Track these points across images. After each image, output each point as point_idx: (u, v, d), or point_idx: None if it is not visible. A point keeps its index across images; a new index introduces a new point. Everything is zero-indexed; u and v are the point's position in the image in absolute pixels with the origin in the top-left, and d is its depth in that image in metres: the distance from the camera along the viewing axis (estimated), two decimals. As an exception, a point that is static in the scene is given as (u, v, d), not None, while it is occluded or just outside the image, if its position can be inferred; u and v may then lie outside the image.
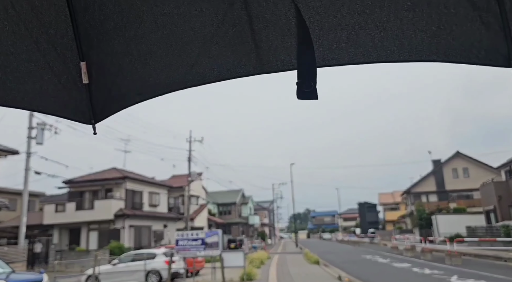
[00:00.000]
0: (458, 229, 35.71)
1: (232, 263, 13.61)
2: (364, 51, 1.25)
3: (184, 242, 14.14)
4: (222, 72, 1.32)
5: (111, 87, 1.39)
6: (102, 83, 1.36)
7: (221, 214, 59.39)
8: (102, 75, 1.35)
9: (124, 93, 1.42)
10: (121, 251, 24.16)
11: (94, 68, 1.32)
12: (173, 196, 43.23)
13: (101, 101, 1.41)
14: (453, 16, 1.15)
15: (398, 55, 1.25)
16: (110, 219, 27.20)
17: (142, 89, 1.40)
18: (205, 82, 1.34)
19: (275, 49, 1.26)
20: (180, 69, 1.33)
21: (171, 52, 1.29)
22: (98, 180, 29.07)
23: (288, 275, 14.68)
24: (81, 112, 1.43)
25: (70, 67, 1.32)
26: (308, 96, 1.11)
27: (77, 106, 1.41)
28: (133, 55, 1.30)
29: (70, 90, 1.37)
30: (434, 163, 47.11)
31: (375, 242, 48.93)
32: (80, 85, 1.35)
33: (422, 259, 20.47)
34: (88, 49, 1.29)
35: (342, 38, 1.23)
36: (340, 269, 17.10)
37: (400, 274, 14.60)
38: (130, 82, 1.38)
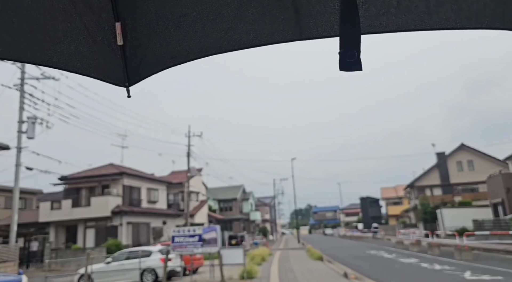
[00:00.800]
0: (463, 222, 34.95)
1: (232, 261, 12.87)
2: (416, 17, 1.15)
3: (181, 238, 13.40)
4: (259, 37, 1.26)
5: (145, 50, 1.36)
6: (136, 45, 1.33)
7: (222, 210, 58.77)
8: (137, 37, 1.32)
9: (157, 56, 1.38)
10: (118, 249, 23.46)
11: (129, 29, 1.30)
12: (173, 192, 42.61)
13: (135, 64, 1.39)
14: None
15: (455, 22, 1.14)
16: (107, 216, 26.51)
17: (175, 52, 1.36)
18: (240, 47, 1.29)
19: (316, 15, 1.18)
20: (214, 33, 1.28)
21: (205, 16, 1.24)
22: (95, 176, 28.34)
23: (291, 272, 13.94)
24: (115, 74, 1.41)
25: (105, 28, 1.29)
26: (351, 67, 1.03)
27: (112, 68, 1.40)
28: (167, 17, 1.26)
29: (105, 51, 1.35)
30: (438, 156, 46.25)
31: (378, 237, 48.20)
32: (115, 47, 1.32)
33: (429, 254, 19.71)
34: (123, 10, 1.25)
35: (392, 2, 1.13)
36: (345, 265, 16.36)
37: (408, 270, 13.84)
38: (164, 45, 1.34)
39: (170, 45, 1.35)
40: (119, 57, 1.37)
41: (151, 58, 1.40)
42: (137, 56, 1.38)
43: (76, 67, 1.43)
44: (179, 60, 1.39)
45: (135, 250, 14.80)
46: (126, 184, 29.05)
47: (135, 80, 1.44)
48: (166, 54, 1.39)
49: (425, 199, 42.86)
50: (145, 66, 1.42)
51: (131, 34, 1.32)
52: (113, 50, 1.35)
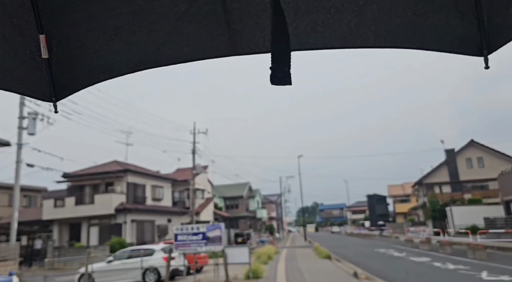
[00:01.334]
0: (474, 220, 34.15)
1: (237, 260, 12.39)
2: (339, 35, 1.22)
3: (184, 237, 12.94)
4: (193, 52, 1.26)
5: (74, 64, 1.31)
6: (63, 58, 1.27)
7: (228, 208, 58.39)
8: (64, 51, 1.26)
9: (87, 71, 1.33)
10: (122, 247, 23.10)
11: (55, 42, 1.23)
12: (178, 189, 42.29)
13: (62, 78, 1.32)
14: (430, 3, 1.14)
15: (374, 41, 1.22)
16: (111, 214, 26.19)
17: (107, 66, 1.32)
18: (174, 62, 1.27)
19: (249, 31, 1.21)
20: (148, 47, 1.26)
21: (139, 29, 1.21)
22: (98, 173, 28.03)
23: (298, 272, 13.42)
24: (41, 89, 1.35)
25: (28, 40, 1.22)
26: (282, 81, 1.07)
27: (37, 82, 1.33)
28: (98, 30, 1.22)
29: (29, 65, 1.28)
30: (447, 153, 45.39)
31: (385, 235, 47.52)
32: (39, 60, 1.26)
33: (441, 252, 19.08)
34: (48, 21, 1.19)
35: (317, 21, 1.19)
36: (354, 264, 15.80)
37: (421, 270, 13.25)
38: (94, 59, 1.30)
39: (101, 59, 1.30)
40: (44, 71, 1.30)
41: (80, 72, 1.34)
42: (65, 70, 1.31)
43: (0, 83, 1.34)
44: (111, 75, 1.34)
45: (137, 248, 14.38)
46: (130, 181, 28.70)
47: (63, 95, 1.38)
48: (97, 68, 1.33)
49: (434, 197, 42.06)
50: (73, 80, 1.36)
51: (57, 47, 1.25)
52: (37, 63, 1.28)
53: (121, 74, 1.34)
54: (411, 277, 11.78)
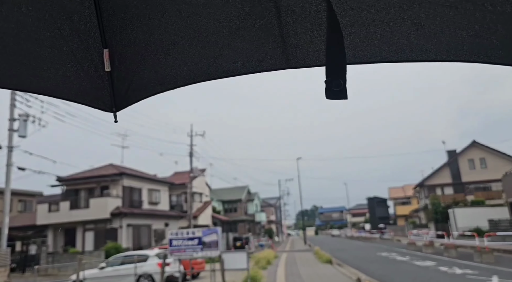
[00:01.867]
0: (477, 222, 33.57)
1: (234, 265, 11.82)
2: (398, 49, 1.20)
3: (179, 241, 12.38)
4: (247, 65, 1.28)
5: (133, 76, 1.37)
6: (124, 71, 1.34)
7: (226, 212, 57.73)
8: (124, 64, 1.33)
9: (146, 83, 1.39)
10: (118, 252, 22.47)
11: (117, 56, 1.31)
12: (176, 193, 41.71)
13: (123, 90, 1.39)
14: (499, 14, 1.08)
15: (435, 54, 1.19)
16: (106, 218, 25.56)
17: (164, 79, 1.37)
18: (228, 75, 1.31)
19: (303, 44, 1.22)
20: (203, 61, 1.29)
21: (194, 43, 1.26)
22: (94, 177, 27.43)
23: (298, 277, 12.84)
24: (103, 100, 1.41)
25: (93, 54, 1.30)
26: (337, 95, 1.05)
27: (99, 93, 1.40)
28: (156, 44, 1.28)
29: (93, 77, 1.35)
30: (449, 154, 44.85)
31: (387, 238, 46.89)
32: (102, 73, 1.33)
33: (446, 256, 18.50)
34: (111, 36, 1.27)
35: (375, 34, 1.18)
36: (356, 268, 15.22)
37: (427, 275, 12.67)
38: (152, 72, 1.35)
39: (158, 72, 1.35)
40: (106, 83, 1.36)
41: (139, 84, 1.39)
42: (125, 82, 1.37)
43: (63, 94, 1.42)
44: (167, 87, 1.38)
45: (131, 254, 13.77)
46: (126, 185, 28.10)
47: (123, 106, 1.43)
48: (154, 81, 1.38)
49: (436, 198, 41.48)
50: (132, 92, 1.41)
51: (119, 61, 1.32)
52: (100, 76, 1.34)
53: (176, 87, 1.37)
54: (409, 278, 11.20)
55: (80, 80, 1.37)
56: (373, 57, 1.22)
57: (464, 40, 1.15)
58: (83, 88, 1.40)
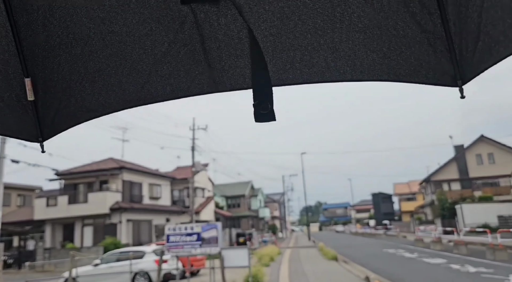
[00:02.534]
0: (485, 219, 32.79)
1: (235, 263, 11.16)
2: (318, 71, 1.25)
3: (177, 237, 11.72)
4: (175, 91, 1.28)
5: (59, 105, 1.33)
6: (49, 100, 1.32)
7: (229, 207, 57.14)
8: (49, 93, 1.30)
9: (73, 111, 1.35)
10: (116, 248, 21.89)
11: (40, 85, 1.28)
12: (178, 188, 41.13)
13: (49, 119, 1.35)
14: (402, 38, 1.18)
15: (351, 75, 1.26)
16: (105, 213, 24.99)
17: (91, 106, 1.34)
18: (157, 100, 1.31)
19: (229, 69, 1.25)
20: (131, 87, 1.29)
21: (120, 71, 1.26)
22: (93, 171, 26.84)
23: (303, 276, 12.16)
24: (28, 131, 1.37)
25: (13, 84, 1.26)
26: (266, 118, 1.06)
27: (23, 124, 1.35)
28: (81, 72, 1.26)
29: (15, 108, 1.31)
30: (456, 149, 43.91)
31: (392, 234, 46.13)
32: (26, 103, 1.30)
33: (456, 253, 17.74)
34: (33, 65, 1.24)
35: (295, 58, 1.23)
36: (363, 266, 14.53)
37: (439, 273, 11.95)
38: (79, 100, 1.32)
39: (85, 100, 1.32)
40: (30, 113, 1.32)
41: (66, 113, 1.35)
42: (50, 111, 1.33)
43: None
44: (95, 114, 1.35)
45: (126, 250, 13.14)
46: (126, 179, 27.51)
47: (50, 135, 1.39)
48: (81, 109, 1.35)
49: (443, 194, 40.64)
50: (59, 120, 1.37)
51: (42, 90, 1.28)
52: (23, 106, 1.31)
53: (105, 114, 1.35)
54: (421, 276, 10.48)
55: (1, 112, 1.30)
56: (296, 79, 1.25)
57: (375, 61, 1.22)
58: (5, 119, 1.33)
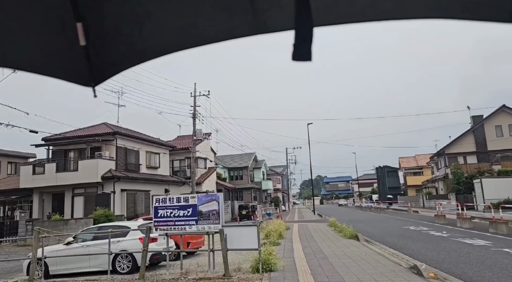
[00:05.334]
0: (507, 194, 30.55)
1: (241, 244, 8.82)
2: (360, 9, 1.21)
3: (167, 211, 9.36)
4: (218, 33, 1.29)
5: (109, 49, 1.38)
6: (99, 45, 1.35)
7: (232, 179, 55.17)
8: (99, 37, 1.33)
9: (123, 56, 1.40)
10: (108, 220, 19.75)
11: (91, 29, 1.30)
12: (178, 158, 38.96)
13: (100, 64, 1.39)
14: None
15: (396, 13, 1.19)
16: (97, 182, 22.76)
17: (139, 51, 1.38)
18: (201, 43, 1.32)
19: (272, 10, 1.22)
20: (176, 31, 1.31)
21: (167, 14, 1.26)
22: (83, 136, 24.38)
23: (325, 261, 9.83)
24: (80, 75, 1.41)
25: (66, 28, 1.28)
26: (302, 58, 1.09)
27: (76, 68, 1.40)
28: (130, 16, 1.29)
29: (68, 52, 1.35)
30: (474, 119, 41.07)
31: (402, 209, 44.11)
32: (78, 48, 1.32)
33: (494, 232, 15.43)
34: (84, 9, 1.26)
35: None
36: (392, 247, 12.24)
37: (498, 260, 9.57)
38: (128, 44, 1.37)
39: (134, 44, 1.36)
40: (82, 57, 1.35)
41: (117, 57, 1.40)
42: (102, 56, 1.37)
43: (38, 69, 1.40)
44: (145, 58, 1.39)
45: (107, 226, 10.79)
46: (121, 146, 25.09)
47: (101, 80, 1.44)
48: (131, 53, 1.40)
49: (459, 168, 38.24)
50: (110, 65, 1.42)
51: (93, 34, 1.31)
52: (76, 50, 1.33)
53: (153, 58, 1.37)
54: (503, 277, 8.08)
55: (55, 56, 1.35)
56: (339, 19, 1.20)
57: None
58: (59, 63, 1.38)
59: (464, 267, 8.64)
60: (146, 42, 1.32)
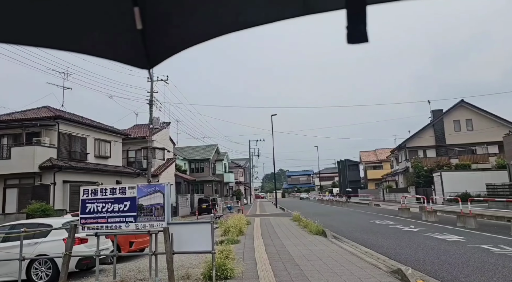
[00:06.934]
0: (464, 187, 30.97)
1: (191, 246, 7.16)
2: None
3: (98, 205, 7.49)
4: (269, 15, 1.28)
5: (164, 34, 1.41)
6: (155, 29, 1.37)
7: (193, 171, 53.09)
8: (155, 22, 1.36)
9: (176, 39, 1.43)
10: (45, 215, 17.36)
11: (147, 14, 1.33)
12: (134, 148, 36.44)
13: (155, 47, 1.42)
14: None
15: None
16: (34, 172, 20.06)
17: (192, 35, 1.40)
18: (251, 26, 1.33)
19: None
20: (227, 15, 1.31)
21: None
22: (18, 120, 21.47)
23: (291, 262, 8.40)
24: (137, 58, 1.45)
25: (125, 12, 1.32)
26: (359, 39, 1.03)
27: (133, 51, 1.44)
28: (183, 2, 1.31)
29: (125, 35, 1.39)
30: (434, 113, 41.61)
31: (363, 202, 44.20)
32: (135, 31, 1.35)
33: (462, 226, 14.80)
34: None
35: None
36: (363, 244, 11.08)
37: (477, 258, 8.58)
38: (181, 29, 1.38)
39: (187, 29, 1.38)
40: (139, 41, 1.39)
41: (170, 41, 1.43)
42: (157, 39, 1.40)
43: (98, 52, 1.44)
44: (194, 42, 1.41)
45: (21, 224, 8.68)
46: (64, 132, 22.39)
47: (155, 63, 1.47)
48: (183, 37, 1.42)
49: (419, 161, 38.60)
50: (165, 48, 1.45)
51: (149, 19, 1.34)
52: (133, 34, 1.37)
53: (204, 41, 1.40)
54: (485, 277, 6.99)
55: (113, 39, 1.40)
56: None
57: None
58: (117, 46, 1.43)
59: (450, 269, 7.51)
60: (198, 27, 1.35)
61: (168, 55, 1.44)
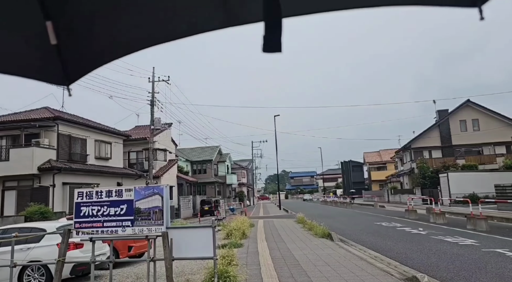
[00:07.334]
0: (472, 188, 30.39)
1: (192, 251, 6.73)
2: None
3: (94, 209, 7.08)
4: (191, 27, 1.27)
5: (82, 47, 1.34)
6: (71, 43, 1.31)
7: (195, 173, 52.64)
8: (71, 35, 1.29)
9: (96, 53, 1.36)
10: (44, 218, 17.02)
11: (62, 28, 1.25)
12: (135, 150, 36.04)
13: (72, 62, 1.35)
14: None
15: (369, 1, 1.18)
16: (33, 174, 19.72)
17: (114, 48, 1.35)
18: (174, 38, 1.31)
19: (242, 2, 1.22)
20: (150, 26, 1.28)
21: (139, 10, 1.24)
22: (17, 121, 21.15)
23: (297, 268, 7.96)
24: (53, 74, 1.37)
25: (36, 27, 1.25)
26: (273, 49, 1.08)
27: (49, 67, 1.36)
28: (101, 14, 1.24)
29: (39, 51, 1.32)
30: (440, 113, 41.03)
31: (368, 204, 43.62)
32: (49, 46, 1.28)
33: (473, 229, 14.30)
34: (53, 8, 1.22)
35: None
36: (372, 248, 10.62)
37: (494, 263, 8.11)
38: (101, 41, 1.33)
39: (108, 41, 1.33)
40: (54, 56, 1.31)
41: (90, 55, 1.36)
42: (74, 54, 1.33)
43: (10, 69, 1.35)
44: (118, 54, 1.35)
45: (14, 228, 8.28)
46: (64, 133, 22.05)
47: (75, 78, 1.40)
48: (105, 50, 1.35)
49: (425, 162, 38.03)
50: (84, 63, 1.37)
51: (64, 32, 1.26)
52: (47, 49, 1.29)
53: (126, 54, 1.34)
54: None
55: (27, 55, 1.31)
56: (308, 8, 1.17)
57: None
58: (31, 63, 1.35)
59: (467, 276, 7.04)
60: (120, 38, 1.29)
61: (87, 70, 1.36)
